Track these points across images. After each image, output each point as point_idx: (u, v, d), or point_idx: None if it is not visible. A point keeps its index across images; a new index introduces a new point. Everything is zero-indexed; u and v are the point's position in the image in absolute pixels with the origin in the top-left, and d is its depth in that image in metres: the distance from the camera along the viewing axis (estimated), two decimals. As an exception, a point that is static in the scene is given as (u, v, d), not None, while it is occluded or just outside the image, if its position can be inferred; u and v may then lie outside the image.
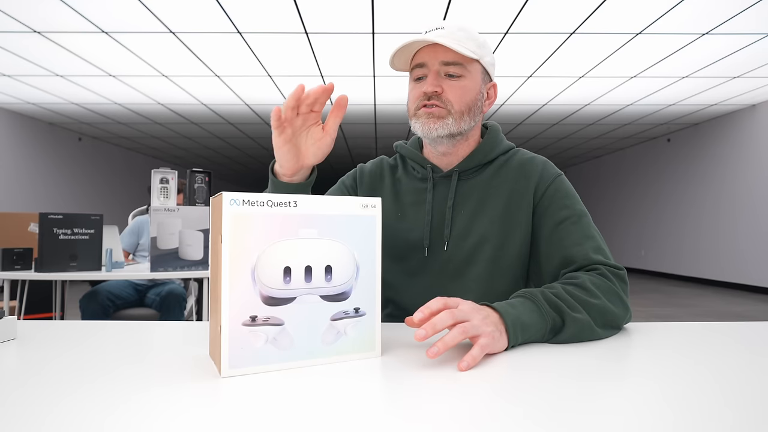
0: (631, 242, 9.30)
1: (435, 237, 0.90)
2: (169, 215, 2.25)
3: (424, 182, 0.95)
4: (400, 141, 1.04)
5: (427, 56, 0.86)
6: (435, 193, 0.93)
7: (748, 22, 3.70)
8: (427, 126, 0.86)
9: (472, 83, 0.87)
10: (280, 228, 0.53)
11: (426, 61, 0.86)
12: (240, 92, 5.58)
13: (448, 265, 0.89)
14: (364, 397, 0.45)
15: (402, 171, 1.00)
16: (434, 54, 0.85)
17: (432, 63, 0.86)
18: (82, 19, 3.62)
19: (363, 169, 1.03)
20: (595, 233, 0.83)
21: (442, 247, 0.90)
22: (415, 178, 0.97)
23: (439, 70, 0.86)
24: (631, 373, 0.54)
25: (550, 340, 0.66)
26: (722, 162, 6.86)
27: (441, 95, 0.85)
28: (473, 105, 0.88)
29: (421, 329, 0.54)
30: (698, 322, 0.81)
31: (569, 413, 0.41)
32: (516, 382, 0.50)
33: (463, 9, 3.52)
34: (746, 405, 0.43)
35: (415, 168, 0.97)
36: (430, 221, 0.91)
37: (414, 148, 1.00)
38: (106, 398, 0.44)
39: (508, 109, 6.32)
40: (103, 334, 0.72)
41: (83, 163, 8.10)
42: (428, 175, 0.94)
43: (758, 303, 5.48)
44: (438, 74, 0.86)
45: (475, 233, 0.88)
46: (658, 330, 0.75)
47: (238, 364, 0.51)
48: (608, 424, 0.38)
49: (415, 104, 0.88)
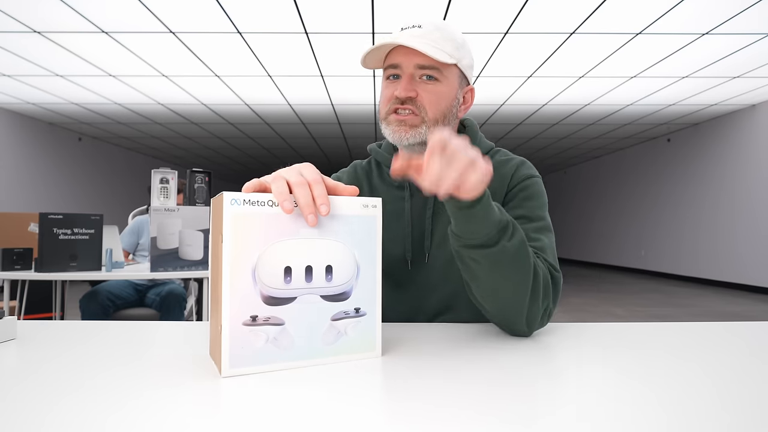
0: (631, 242, 9.31)
1: (416, 249, 0.88)
2: (169, 215, 2.25)
3: (401, 190, 0.91)
4: (374, 144, 0.99)
5: (401, 57, 0.80)
6: (413, 203, 0.89)
7: (748, 22, 3.71)
8: (398, 134, 0.81)
9: (447, 88, 0.82)
10: (281, 228, 0.53)
11: (400, 62, 0.80)
12: (240, 92, 5.58)
13: (430, 276, 0.86)
14: (365, 397, 0.45)
15: (378, 178, 0.96)
16: (409, 56, 0.79)
17: (406, 65, 0.80)
18: (82, 19, 3.62)
19: (340, 179, 0.98)
20: (545, 238, 0.79)
21: (423, 259, 0.87)
22: (392, 185, 0.92)
23: (413, 73, 0.80)
24: (627, 373, 0.54)
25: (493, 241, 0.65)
26: (722, 162, 6.86)
27: (415, 99, 0.80)
28: (448, 112, 0.83)
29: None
30: (696, 322, 0.81)
31: (568, 414, 0.41)
32: (515, 382, 0.50)
33: (463, 9, 3.52)
34: (743, 405, 0.43)
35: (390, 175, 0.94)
36: (411, 233, 0.87)
37: (388, 153, 0.95)
38: (106, 398, 0.44)
39: (508, 109, 6.32)
40: (103, 334, 0.72)
41: (83, 163, 8.10)
42: (405, 183, 0.90)
43: (757, 303, 5.48)
44: (412, 78, 0.80)
45: None
46: (656, 330, 0.75)
47: (239, 364, 0.51)
48: (605, 426, 0.38)
49: (387, 107, 0.82)
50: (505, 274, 0.66)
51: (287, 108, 6.28)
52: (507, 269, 0.66)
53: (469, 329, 0.76)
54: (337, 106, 6.19)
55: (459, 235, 0.66)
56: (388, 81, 0.83)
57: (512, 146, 8.98)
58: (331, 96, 5.74)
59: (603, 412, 0.41)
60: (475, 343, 0.67)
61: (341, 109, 6.33)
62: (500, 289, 0.67)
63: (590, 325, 0.79)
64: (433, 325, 0.78)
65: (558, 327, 0.78)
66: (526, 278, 0.67)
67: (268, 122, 7.09)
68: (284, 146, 8.97)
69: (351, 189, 0.58)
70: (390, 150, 0.96)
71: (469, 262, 0.68)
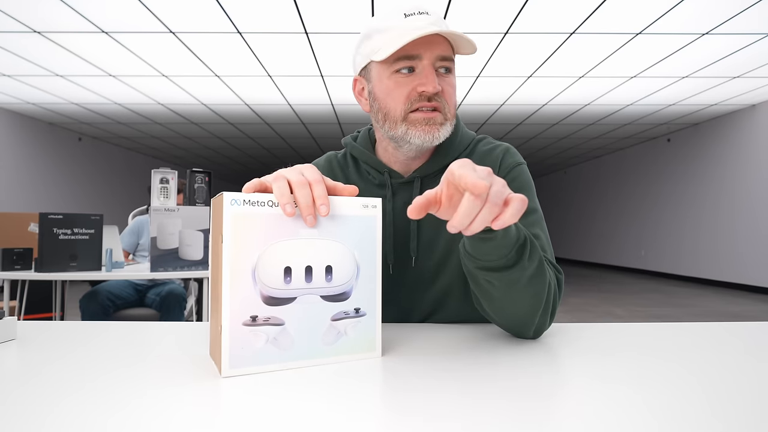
0: (631, 242, 9.31)
1: (400, 252, 0.81)
2: (169, 215, 2.25)
3: (381, 189, 0.84)
4: (349, 137, 0.91)
5: (422, 48, 0.71)
6: (395, 203, 0.82)
7: (748, 22, 3.71)
8: (429, 134, 0.74)
9: (455, 81, 0.77)
10: (281, 228, 0.53)
11: (421, 53, 0.72)
12: (240, 92, 5.58)
13: (419, 279, 0.81)
14: (365, 397, 0.45)
15: (355, 173, 0.87)
16: (431, 47, 0.71)
17: (428, 56, 0.72)
18: (82, 19, 3.62)
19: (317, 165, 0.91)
20: (542, 232, 0.76)
21: (409, 263, 0.81)
22: (371, 183, 0.85)
23: (435, 64, 0.73)
24: (627, 373, 0.54)
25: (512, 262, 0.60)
26: (722, 162, 6.86)
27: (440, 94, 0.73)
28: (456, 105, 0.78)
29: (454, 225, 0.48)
30: (696, 322, 0.81)
31: (568, 414, 0.41)
32: (515, 383, 0.50)
33: (463, 9, 3.52)
34: (743, 406, 0.43)
35: (369, 172, 0.85)
36: (392, 234, 0.81)
37: (365, 147, 0.87)
38: (107, 398, 0.44)
39: (508, 109, 6.32)
40: (103, 334, 0.71)
41: (83, 163, 8.10)
42: (386, 182, 0.83)
43: (757, 303, 5.48)
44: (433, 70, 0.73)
45: (441, 242, 0.80)
46: (656, 330, 0.75)
47: (239, 364, 0.51)
48: (605, 426, 0.38)
49: (406, 105, 0.74)
50: (521, 294, 0.63)
51: (287, 108, 6.28)
52: (523, 290, 0.62)
53: (470, 329, 0.76)
54: (337, 106, 6.19)
55: (474, 257, 0.61)
56: (400, 75, 0.73)
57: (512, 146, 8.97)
58: (331, 96, 5.74)
59: (603, 412, 0.41)
60: (476, 344, 0.66)
61: (341, 109, 6.33)
62: (514, 307, 0.64)
63: (590, 325, 0.79)
64: (433, 326, 0.78)
65: (558, 327, 0.78)
66: (541, 296, 0.64)
67: (268, 122, 7.09)
68: (284, 146, 8.97)
69: (351, 189, 0.57)
70: (367, 144, 0.88)
71: (483, 283, 0.64)
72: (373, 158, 0.84)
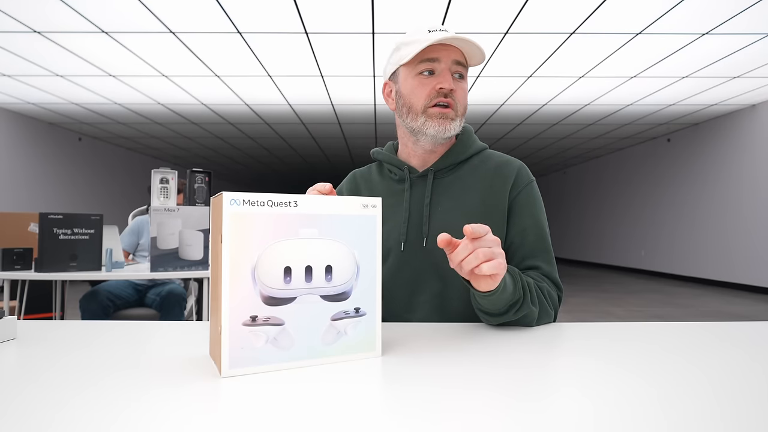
0: (631, 242, 9.31)
1: (413, 234, 0.92)
2: (169, 215, 2.25)
3: (401, 183, 0.98)
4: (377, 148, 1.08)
5: (441, 52, 0.87)
6: (412, 192, 0.95)
7: (748, 22, 3.71)
8: (443, 126, 0.88)
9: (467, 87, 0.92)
10: (281, 228, 0.53)
11: (440, 57, 0.87)
12: (240, 92, 5.58)
13: (428, 261, 0.90)
14: (365, 397, 0.45)
15: (378, 176, 1.03)
16: (449, 52, 0.87)
17: (446, 60, 0.87)
18: (82, 19, 3.62)
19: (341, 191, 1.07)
20: (550, 247, 0.92)
21: (421, 243, 0.91)
22: (392, 180, 1.00)
23: (450, 68, 0.88)
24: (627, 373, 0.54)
25: (503, 311, 0.75)
26: (722, 162, 6.86)
27: (453, 93, 0.88)
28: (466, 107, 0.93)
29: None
30: (696, 322, 0.81)
31: (568, 413, 0.41)
32: (516, 382, 0.50)
33: (463, 9, 3.52)
34: (743, 406, 0.43)
35: (392, 170, 1.00)
36: (407, 218, 0.93)
37: (389, 152, 1.03)
38: (107, 398, 0.44)
39: (508, 109, 6.32)
40: (103, 334, 0.72)
41: (83, 164, 8.10)
42: (405, 176, 0.96)
43: (757, 303, 5.48)
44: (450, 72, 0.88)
45: (452, 228, 0.89)
46: (656, 330, 0.75)
47: (239, 364, 0.51)
48: (605, 426, 0.39)
49: (426, 100, 0.88)
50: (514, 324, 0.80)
51: (287, 108, 6.28)
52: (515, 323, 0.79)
53: (470, 329, 0.76)
54: (337, 106, 6.19)
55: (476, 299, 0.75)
56: (422, 76, 0.89)
57: (512, 146, 8.98)
58: (331, 96, 5.74)
59: (603, 412, 0.41)
60: (476, 343, 0.67)
61: (341, 109, 6.33)
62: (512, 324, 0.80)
63: (590, 325, 0.79)
64: (433, 325, 0.78)
65: (558, 327, 0.78)
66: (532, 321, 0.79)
67: (268, 122, 7.09)
68: (284, 146, 8.97)
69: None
70: (391, 150, 1.03)
71: (482, 316, 0.79)
72: (395, 158, 0.99)
